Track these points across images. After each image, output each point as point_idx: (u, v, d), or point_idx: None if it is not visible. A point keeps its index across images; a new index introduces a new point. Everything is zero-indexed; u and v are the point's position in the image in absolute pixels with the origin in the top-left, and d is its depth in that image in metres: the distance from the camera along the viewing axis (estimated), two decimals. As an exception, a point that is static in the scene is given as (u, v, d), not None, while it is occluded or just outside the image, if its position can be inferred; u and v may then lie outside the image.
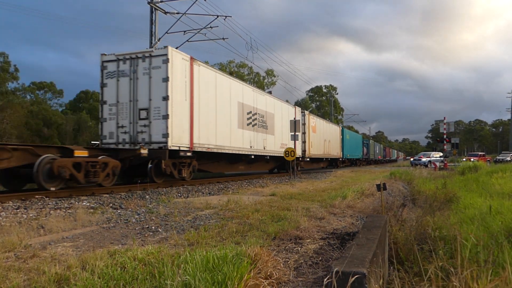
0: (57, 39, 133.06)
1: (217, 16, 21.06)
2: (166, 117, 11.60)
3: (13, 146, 8.53)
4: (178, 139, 12.02)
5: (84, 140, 49.34)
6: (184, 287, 2.78)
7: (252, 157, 17.67)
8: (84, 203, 7.78)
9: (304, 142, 24.61)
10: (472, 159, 32.51)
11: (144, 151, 10.98)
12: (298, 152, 23.10)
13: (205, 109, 13.55)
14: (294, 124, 18.59)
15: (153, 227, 5.48)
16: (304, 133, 24.72)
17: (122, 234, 5.04)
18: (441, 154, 37.83)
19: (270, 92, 21.72)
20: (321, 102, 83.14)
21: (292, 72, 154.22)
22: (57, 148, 9.58)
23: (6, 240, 4.24)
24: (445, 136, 35.20)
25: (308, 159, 25.49)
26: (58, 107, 62.74)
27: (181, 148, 12.20)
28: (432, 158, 36.18)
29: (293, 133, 18.69)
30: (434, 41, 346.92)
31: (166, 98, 11.62)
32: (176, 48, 20.80)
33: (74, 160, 9.16)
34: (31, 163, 8.59)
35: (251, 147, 17.23)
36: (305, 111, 25.86)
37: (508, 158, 43.41)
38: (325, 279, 2.50)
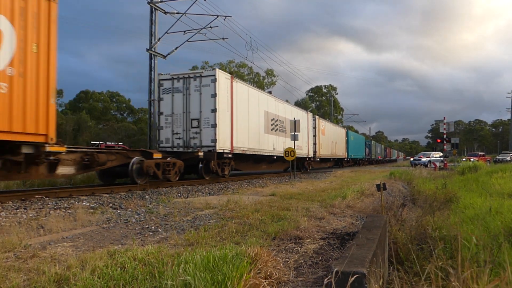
0: (57, 39, 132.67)
1: (217, 16, 21.00)
2: (214, 126, 14.05)
3: (116, 150, 11.03)
4: (223, 144, 14.44)
5: (84, 140, 49.26)
6: (184, 287, 2.78)
7: (275, 157, 19.83)
8: (84, 203, 7.78)
9: (314, 144, 26.69)
10: (472, 159, 32.47)
11: (200, 154, 13.55)
12: (310, 153, 25.45)
13: (241, 118, 16.05)
14: (294, 124, 18.58)
15: (153, 227, 5.47)
16: (314, 135, 26.74)
17: (122, 234, 5.04)
18: (441, 154, 37.82)
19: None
20: (321, 102, 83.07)
21: (292, 72, 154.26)
22: (140, 152, 11.91)
23: (6, 240, 4.24)
24: (445, 136, 35.19)
25: (318, 159, 27.66)
26: (58, 107, 62.74)
27: (225, 151, 14.62)
28: (432, 158, 36.18)
29: (295, 133, 18.78)
30: (434, 41, 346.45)
31: (214, 111, 14.09)
32: (176, 48, 20.95)
33: (155, 161, 11.65)
34: (125, 163, 10.95)
35: (274, 149, 19.60)
36: (316, 116, 27.89)
37: (508, 158, 43.41)
38: (325, 279, 2.50)
